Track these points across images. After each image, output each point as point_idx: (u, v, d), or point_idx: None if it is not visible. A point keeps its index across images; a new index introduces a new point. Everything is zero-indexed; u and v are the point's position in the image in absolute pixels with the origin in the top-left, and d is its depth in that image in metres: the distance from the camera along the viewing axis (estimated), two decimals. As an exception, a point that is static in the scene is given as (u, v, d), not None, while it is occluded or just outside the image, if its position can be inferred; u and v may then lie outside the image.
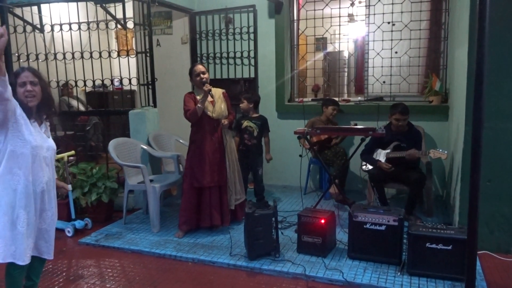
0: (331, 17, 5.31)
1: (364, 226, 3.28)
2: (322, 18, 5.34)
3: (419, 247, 3.00)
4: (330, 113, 4.87)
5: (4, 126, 2.27)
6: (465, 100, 3.41)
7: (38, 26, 4.90)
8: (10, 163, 2.31)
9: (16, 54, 4.78)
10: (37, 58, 4.79)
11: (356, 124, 4.77)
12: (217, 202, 3.89)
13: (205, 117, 3.80)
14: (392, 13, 5.05)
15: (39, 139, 2.40)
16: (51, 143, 2.51)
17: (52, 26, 4.75)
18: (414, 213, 4.09)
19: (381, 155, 4.21)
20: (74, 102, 6.67)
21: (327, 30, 5.37)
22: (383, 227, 3.23)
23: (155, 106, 4.91)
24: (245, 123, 4.52)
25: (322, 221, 3.38)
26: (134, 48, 5.02)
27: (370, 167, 4.26)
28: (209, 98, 3.82)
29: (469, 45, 3.35)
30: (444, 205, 4.59)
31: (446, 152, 3.79)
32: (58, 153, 4.42)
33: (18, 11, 4.95)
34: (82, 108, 6.57)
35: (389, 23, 5.11)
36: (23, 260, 2.35)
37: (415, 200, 4.07)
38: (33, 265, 2.56)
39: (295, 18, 5.58)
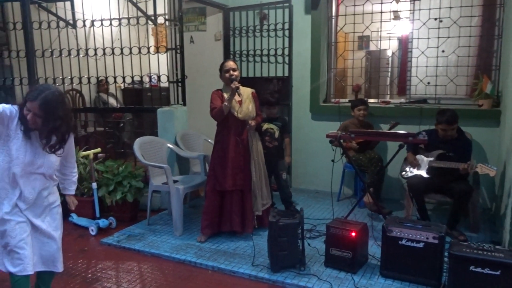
0: (372, 13, 4.97)
1: (400, 242, 2.96)
2: (363, 14, 5.01)
3: (462, 270, 2.65)
4: (358, 114, 4.57)
5: None
6: (521, 105, 3.02)
7: (71, 22, 4.89)
8: None
9: (50, 50, 4.79)
10: (69, 54, 4.77)
11: (397, 124, 4.43)
12: (238, 207, 3.70)
13: (231, 116, 3.61)
14: (440, 8, 4.64)
15: (29, 156, 2.25)
16: (48, 160, 2.32)
17: (84, 21, 4.71)
18: (458, 228, 3.72)
19: (423, 163, 3.87)
20: (110, 99, 6.71)
21: (367, 27, 5.03)
22: (421, 244, 2.90)
23: (184, 104, 4.79)
24: (265, 125, 4.26)
25: (353, 234, 3.09)
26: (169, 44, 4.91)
27: (410, 174, 3.92)
28: (237, 97, 3.62)
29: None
30: (493, 220, 4.16)
31: (495, 169, 3.40)
32: (85, 149, 4.43)
33: (51, 7, 4.97)
34: (116, 104, 6.59)
35: (436, 19, 4.70)
36: (21, 271, 2.26)
37: (459, 214, 3.69)
38: (42, 276, 2.49)
39: (333, 14, 5.28)
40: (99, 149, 4.38)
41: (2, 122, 2.17)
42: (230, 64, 3.66)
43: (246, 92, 3.74)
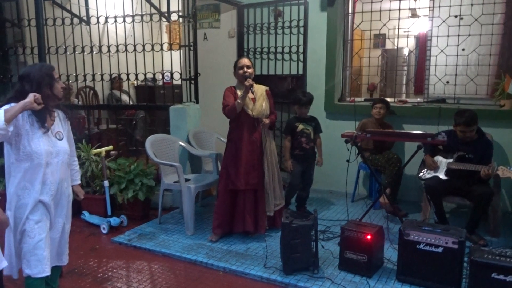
0: (389, 11, 4.84)
1: (417, 247, 2.86)
2: (380, 11, 4.88)
3: (483, 277, 2.55)
4: (374, 113, 4.48)
5: (8, 141, 2.22)
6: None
7: (85, 18, 4.87)
8: (18, 176, 2.24)
9: (63, 47, 4.78)
10: (83, 51, 4.75)
11: None
12: (251, 207, 3.63)
13: (244, 114, 3.54)
14: (461, 5, 4.50)
15: (45, 146, 2.25)
16: (62, 146, 2.36)
17: (97, 18, 4.69)
18: (477, 232, 3.59)
19: (441, 165, 3.75)
20: (123, 96, 6.70)
21: (384, 24, 4.91)
22: (439, 249, 2.79)
23: (197, 101, 4.73)
24: (300, 126, 4.14)
25: (368, 237, 3.00)
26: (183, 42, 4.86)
27: (428, 176, 3.80)
28: (250, 95, 3.56)
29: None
30: (514, 224, 4.03)
31: None
32: (98, 147, 4.41)
33: (66, 3, 4.96)
34: (129, 102, 6.57)
35: (456, 16, 4.56)
36: (40, 272, 2.24)
37: (478, 218, 3.56)
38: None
39: (349, 12, 5.17)
40: (111, 147, 4.35)
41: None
42: (245, 61, 3.59)
43: (260, 89, 3.67)
